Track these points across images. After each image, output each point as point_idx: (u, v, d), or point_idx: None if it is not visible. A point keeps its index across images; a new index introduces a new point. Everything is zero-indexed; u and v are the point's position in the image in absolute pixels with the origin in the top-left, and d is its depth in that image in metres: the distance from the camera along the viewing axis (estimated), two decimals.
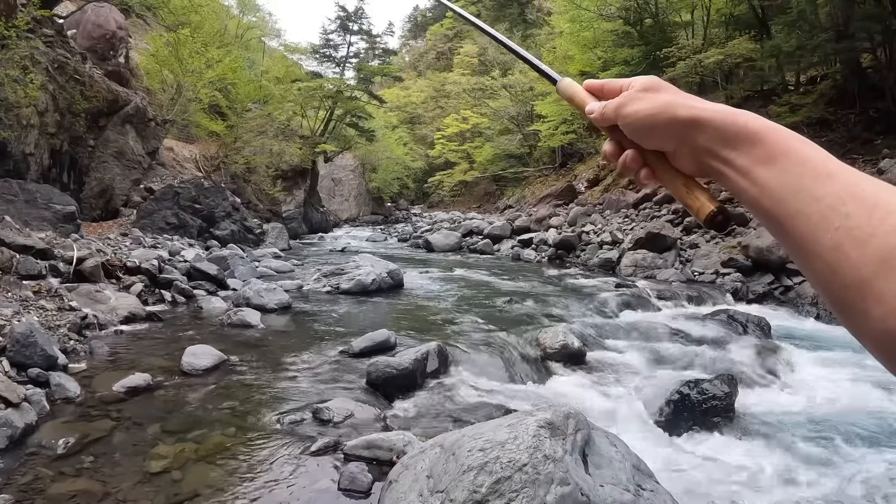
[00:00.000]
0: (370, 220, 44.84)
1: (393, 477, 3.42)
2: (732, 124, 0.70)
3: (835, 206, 0.59)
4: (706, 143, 0.72)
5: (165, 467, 3.90)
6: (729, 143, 0.70)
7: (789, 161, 0.64)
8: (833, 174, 0.62)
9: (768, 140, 0.67)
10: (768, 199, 0.65)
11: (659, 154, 0.80)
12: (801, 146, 0.66)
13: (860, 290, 0.55)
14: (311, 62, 38.82)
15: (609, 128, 0.85)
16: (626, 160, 0.83)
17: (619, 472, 3.25)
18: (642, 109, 0.78)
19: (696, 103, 0.75)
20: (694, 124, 0.73)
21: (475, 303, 10.15)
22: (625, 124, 0.81)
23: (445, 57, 70.91)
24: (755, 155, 0.67)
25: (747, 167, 0.67)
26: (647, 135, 0.79)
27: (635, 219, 18.48)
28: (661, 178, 0.81)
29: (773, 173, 0.65)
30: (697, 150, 0.74)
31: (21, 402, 4.37)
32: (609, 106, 0.83)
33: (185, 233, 15.38)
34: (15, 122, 11.82)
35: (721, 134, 0.71)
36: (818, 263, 0.60)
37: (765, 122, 0.69)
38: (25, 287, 7.27)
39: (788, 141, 0.66)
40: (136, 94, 17.50)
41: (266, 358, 6.41)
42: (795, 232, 0.62)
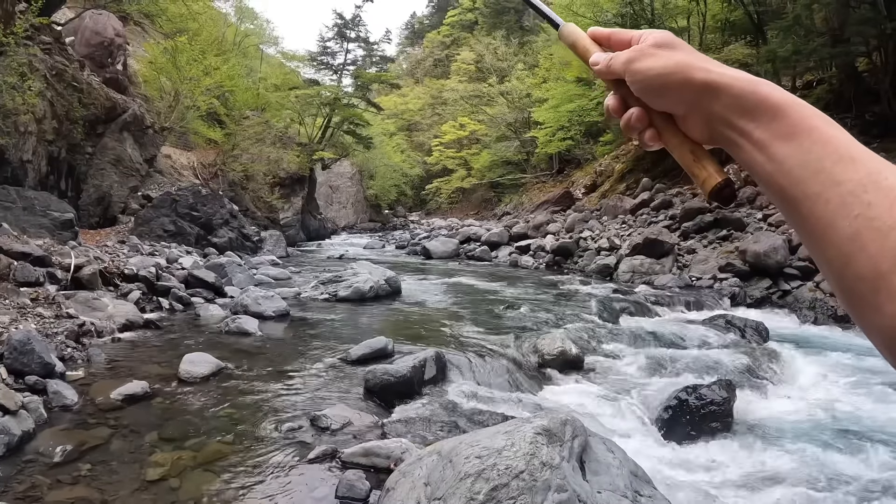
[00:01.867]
0: (368, 227, 44.83)
1: (391, 484, 3.42)
2: (752, 94, 0.66)
3: (856, 192, 0.56)
4: (722, 111, 0.68)
5: (163, 475, 3.90)
6: (747, 113, 0.66)
7: (811, 139, 0.62)
8: (856, 159, 0.59)
9: (791, 114, 0.64)
10: (785, 178, 0.62)
11: (667, 116, 0.76)
12: (825, 125, 0.63)
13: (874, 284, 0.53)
14: (308, 69, 38.92)
15: (614, 81, 0.80)
16: (630, 119, 0.78)
17: (617, 479, 3.25)
18: (655, 67, 0.73)
19: (713, 66, 0.70)
20: (710, 89, 0.69)
21: (473, 310, 10.15)
22: (633, 81, 0.76)
23: (443, 64, 70.98)
24: (775, 129, 0.64)
25: (765, 141, 0.64)
26: (658, 95, 0.74)
27: (633, 224, 18.51)
28: (667, 143, 0.76)
29: (793, 150, 0.62)
30: (711, 117, 0.70)
31: (18, 410, 4.36)
32: (618, 59, 0.78)
33: (182, 240, 15.37)
34: (13, 129, 11.82)
35: (739, 103, 0.67)
36: (833, 251, 0.57)
37: (788, 95, 0.65)
38: (23, 294, 7.26)
39: (812, 118, 0.64)
40: (134, 102, 17.50)
41: (264, 365, 6.40)
42: (812, 215, 0.59)
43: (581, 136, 32.72)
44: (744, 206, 15.97)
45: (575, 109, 26.14)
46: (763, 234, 13.23)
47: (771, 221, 14.14)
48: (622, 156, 29.12)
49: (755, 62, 19.49)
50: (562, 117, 28.02)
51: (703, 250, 14.56)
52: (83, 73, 14.84)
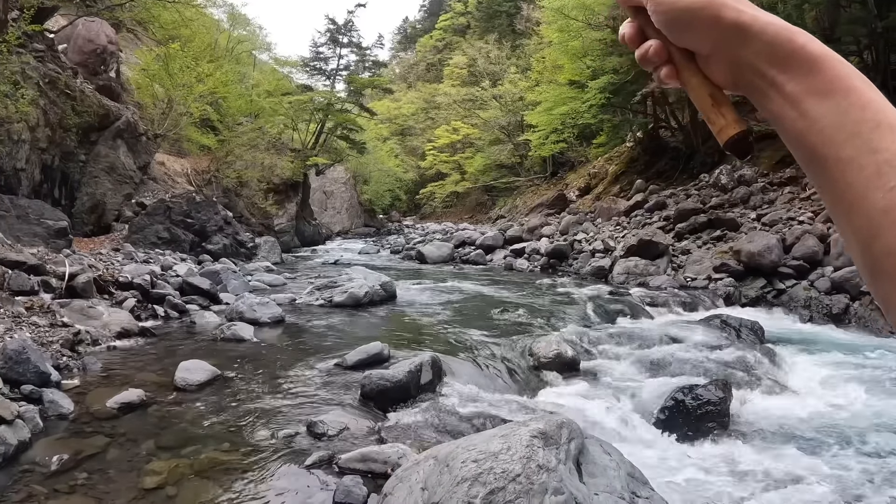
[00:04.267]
0: (362, 232, 44.79)
1: (388, 490, 3.42)
2: (788, 42, 0.61)
3: (893, 163, 0.53)
4: (751, 58, 0.63)
5: (159, 483, 3.89)
6: (780, 63, 0.61)
7: (849, 100, 0.57)
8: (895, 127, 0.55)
9: (828, 70, 0.59)
10: (818, 137, 0.58)
11: (688, 53, 0.70)
12: (865, 87, 0.59)
13: None
14: (301, 75, 38.89)
15: (633, 8, 0.73)
16: (647, 51, 0.72)
17: (614, 481, 3.25)
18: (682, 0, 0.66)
19: (745, 7, 0.64)
20: (741, 31, 0.63)
21: (468, 313, 10.15)
22: (656, 11, 0.69)
23: (435, 68, 71.05)
24: (810, 83, 0.59)
25: (798, 95, 0.60)
26: (682, 31, 0.68)
27: (627, 226, 18.55)
28: (685, 83, 0.71)
29: (829, 109, 0.58)
30: (739, 62, 0.64)
31: (14, 419, 4.34)
32: None
33: (177, 247, 15.36)
34: (6, 138, 11.81)
35: (772, 50, 0.62)
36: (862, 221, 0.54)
37: (826, 49, 0.61)
38: (17, 303, 7.24)
39: (851, 77, 0.59)
40: (128, 109, 17.50)
41: (260, 372, 6.40)
42: (843, 180, 0.56)
43: (574, 139, 32.77)
44: (737, 206, 16.02)
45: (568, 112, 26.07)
46: (757, 233, 13.27)
47: (765, 221, 14.19)
48: (615, 158, 29.18)
49: None
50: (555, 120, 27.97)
51: (697, 251, 14.59)
52: (76, 80, 14.83)
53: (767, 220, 14.09)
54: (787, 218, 13.80)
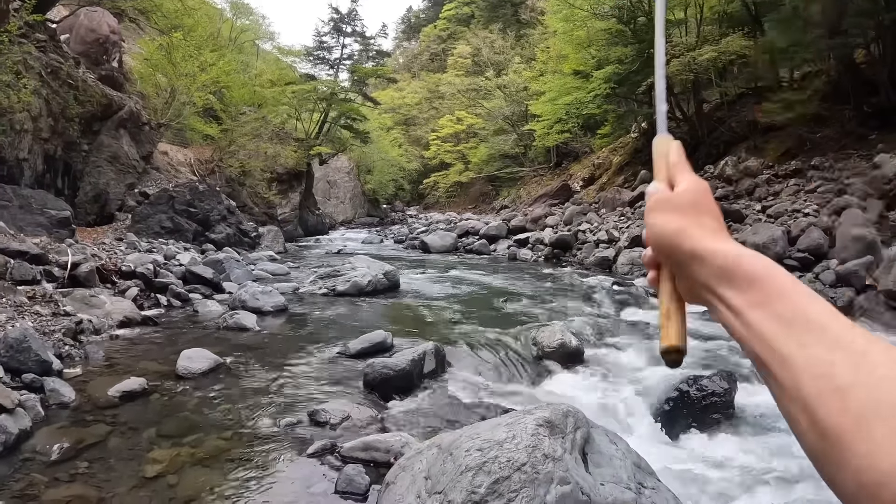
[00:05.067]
0: (366, 222, 44.79)
1: (390, 478, 3.39)
2: (734, 264, 0.69)
3: (821, 354, 0.57)
4: (704, 278, 0.72)
5: (161, 472, 3.87)
6: (726, 281, 0.69)
7: (782, 306, 0.63)
8: (826, 325, 0.60)
9: (765, 283, 0.66)
10: (757, 342, 0.64)
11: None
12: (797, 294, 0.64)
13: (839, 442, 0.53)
14: (304, 65, 38.77)
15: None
16: (645, 257, 0.84)
17: (620, 471, 3.22)
18: (657, 225, 0.79)
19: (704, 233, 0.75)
20: (697, 258, 0.73)
21: (472, 303, 10.13)
22: (647, 234, 0.82)
23: (439, 58, 70.80)
24: (750, 297, 0.66)
25: (740, 308, 0.66)
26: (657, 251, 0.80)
27: (631, 217, 18.50)
28: (659, 289, 0.81)
29: (765, 317, 0.64)
30: (695, 280, 0.73)
31: (15, 408, 4.33)
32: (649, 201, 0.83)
33: (180, 237, 15.35)
34: (8, 128, 11.77)
35: (721, 272, 0.70)
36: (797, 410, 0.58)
37: (766, 264, 0.68)
38: (20, 292, 7.22)
39: (784, 286, 0.65)
40: (130, 99, 17.45)
41: (262, 360, 6.38)
42: (780, 377, 0.60)
43: (579, 129, 32.65)
44: (742, 197, 15.96)
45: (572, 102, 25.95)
46: (762, 225, 13.20)
47: (770, 213, 14.12)
48: (620, 148, 29.08)
49: (753, 54, 19.45)
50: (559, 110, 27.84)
51: None
52: (78, 70, 14.77)
53: (772, 212, 14.02)
54: (793, 210, 13.72)
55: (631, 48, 23.55)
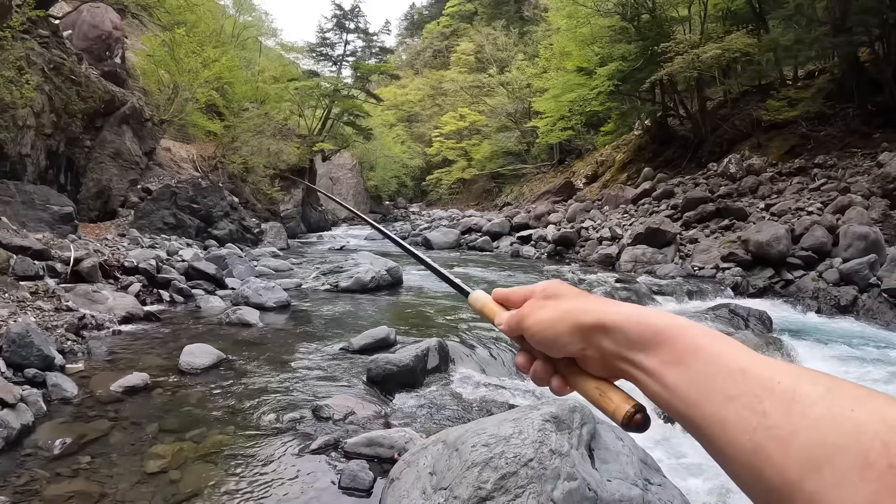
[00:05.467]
0: None
1: (395, 474, 3.37)
2: (637, 325, 0.66)
3: (751, 404, 0.54)
4: (613, 347, 0.68)
5: (163, 467, 3.86)
6: (635, 345, 0.65)
7: (698, 360, 0.60)
8: (746, 370, 0.56)
9: (675, 339, 0.62)
10: (681, 402, 0.60)
11: (569, 360, 0.76)
12: (710, 342, 0.61)
13: (788, 494, 0.50)
14: (307, 61, 38.72)
15: (518, 338, 0.81)
16: (535, 371, 0.79)
17: (627, 467, 3.20)
18: (544, 319, 0.75)
19: (599, 306, 0.71)
20: (599, 329, 0.69)
21: None
22: (529, 336, 0.77)
23: (442, 55, 70.76)
24: (662, 356, 0.63)
25: (655, 369, 0.63)
26: (552, 344, 0.75)
27: (634, 214, 18.48)
28: (574, 385, 0.76)
29: (682, 374, 0.60)
30: (605, 354, 0.69)
31: (17, 403, 4.31)
32: (513, 318, 0.81)
33: (183, 233, 15.34)
34: (11, 123, 11.75)
35: (627, 336, 0.66)
36: (738, 467, 0.54)
37: (671, 321, 0.64)
38: (22, 288, 7.21)
39: (696, 338, 0.62)
40: (133, 95, 17.42)
41: (265, 356, 6.36)
42: (712, 436, 0.56)
43: (582, 126, 32.60)
44: (746, 195, 15.94)
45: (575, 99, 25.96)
46: (765, 223, 13.18)
47: (773, 211, 14.11)
48: (623, 146, 29.06)
49: (757, 52, 19.41)
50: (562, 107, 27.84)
51: (705, 240, 14.50)
52: (81, 66, 14.75)
53: (776, 210, 14.01)
54: (796, 208, 13.72)
55: (634, 45, 23.53)
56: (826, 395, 0.51)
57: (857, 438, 0.47)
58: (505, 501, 2.78)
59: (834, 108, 17.66)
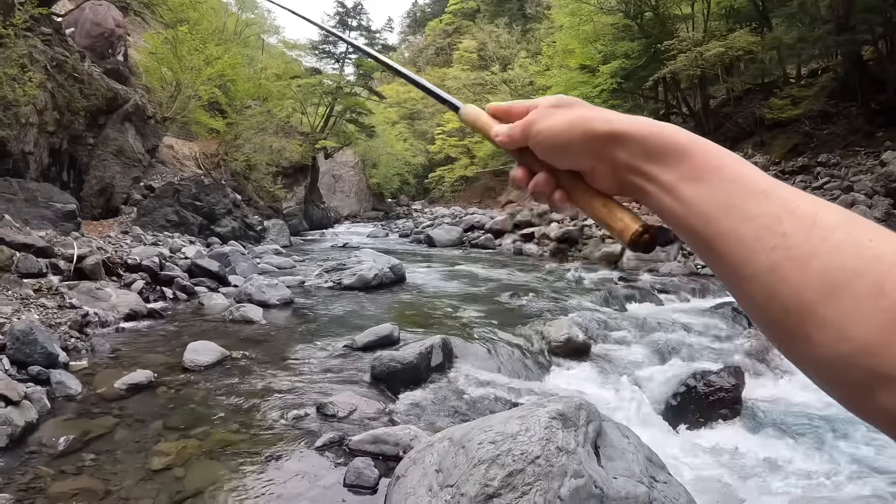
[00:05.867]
0: (371, 216, 44.83)
1: (400, 472, 3.37)
2: (657, 137, 0.64)
3: (770, 225, 0.54)
4: (627, 159, 0.66)
5: (168, 464, 3.85)
6: (652, 157, 0.64)
7: (719, 177, 0.59)
8: (767, 191, 0.56)
9: (696, 155, 0.61)
10: (696, 218, 0.59)
11: (574, 174, 0.73)
12: (732, 162, 0.60)
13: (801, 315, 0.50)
14: (310, 58, 38.80)
15: (517, 151, 0.78)
16: (537, 184, 0.75)
17: (633, 464, 3.19)
18: (555, 125, 0.71)
19: (613, 116, 0.68)
20: (613, 138, 0.66)
21: (478, 297, 10.11)
22: (536, 143, 0.74)
23: (445, 52, 70.76)
24: (681, 170, 0.61)
25: (673, 183, 0.62)
26: (561, 152, 0.72)
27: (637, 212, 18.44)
28: (577, 200, 0.73)
29: (702, 190, 0.59)
30: (617, 166, 0.67)
31: (21, 401, 4.31)
32: (517, 126, 0.76)
33: (185, 230, 15.35)
34: (14, 121, 11.75)
35: (644, 148, 0.64)
36: (752, 287, 0.54)
37: (691, 136, 0.63)
38: (26, 285, 7.22)
39: (718, 157, 0.61)
40: (136, 92, 17.42)
41: (269, 353, 6.37)
42: (727, 253, 0.57)
43: None
44: None
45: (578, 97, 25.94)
46: None
47: None
48: None
49: (760, 50, 19.39)
50: None
51: None
52: (84, 63, 14.75)
53: None
54: None
55: (638, 43, 23.52)
56: (844, 223, 0.52)
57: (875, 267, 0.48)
58: (512, 499, 2.78)
59: (837, 107, 17.64)
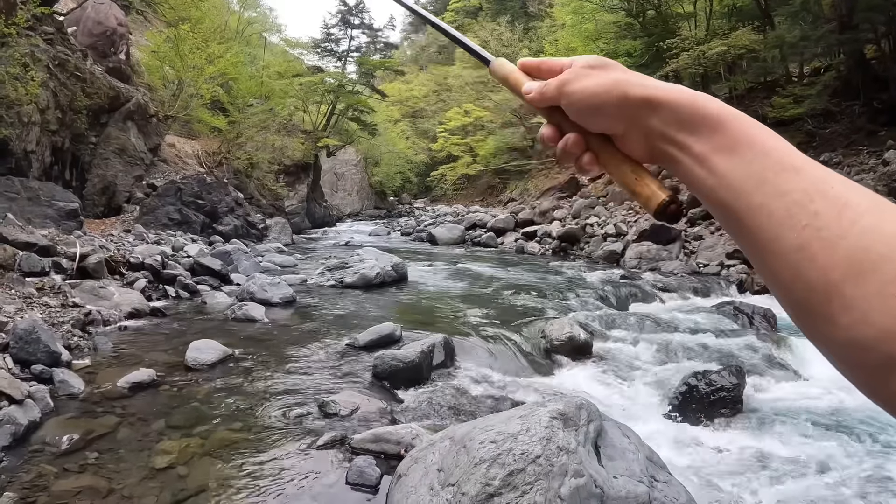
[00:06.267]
0: (373, 214, 44.81)
1: (402, 470, 3.39)
2: (691, 106, 0.64)
3: (802, 202, 0.54)
4: (660, 126, 0.66)
5: (171, 463, 3.87)
6: (686, 126, 0.63)
7: (753, 151, 0.59)
8: (800, 169, 0.56)
9: (731, 126, 0.61)
10: (727, 191, 0.59)
11: (604, 137, 0.73)
12: (766, 136, 0.60)
13: (826, 296, 0.51)
14: (312, 57, 38.72)
15: (548, 109, 0.77)
16: (566, 144, 0.75)
17: (633, 464, 3.21)
18: (590, 86, 0.70)
19: (649, 82, 0.68)
20: (648, 104, 0.66)
21: (480, 295, 10.11)
22: (569, 103, 0.73)
23: (447, 50, 70.60)
24: (715, 142, 0.61)
25: (705, 154, 0.61)
26: (594, 115, 0.71)
27: (639, 211, 18.44)
28: (606, 164, 0.73)
29: (735, 163, 0.59)
30: (650, 132, 0.67)
31: (24, 399, 4.33)
32: (551, 84, 0.75)
33: (188, 228, 15.35)
34: (16, 120, 11.77)
35: (678, 116, 0.64)
36: (780, 263, 0.55)
37: (727, 107, 0.63)
38: (28, 284, 7.23)
39: (752, 129, 0.61)
40: (138, 91, 17.44)
41: (271, 352, 6.38)
42: (756, 228, 0.56)
43: None
44: None
45: None
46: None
47: None
48: None
49: (762, 48, 19.35)
50: None
51: (710, 237, 14.50)
52: (86, 62, 14.77)
53: None
54: None
55: (640, 41, 23.50)
56: (875, 208, 0.52)
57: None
58: (513, 498, 2.79)
59: (840, 106, 17.60)
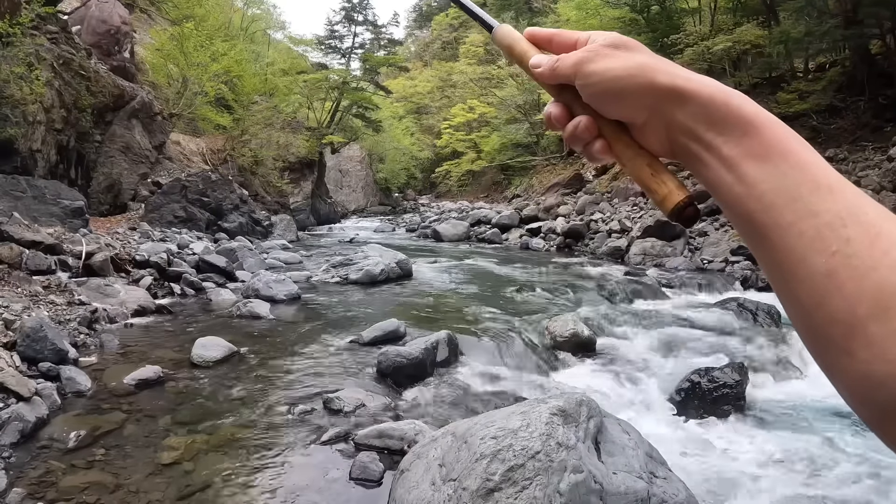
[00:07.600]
0: (378, 210, 44.85)
1: (405, 466, 3.42)
2: (724, 104, 0.58)
3: (834, 225, 0.51)
4: (687, 121, 0.60)
5: (177, 459, 3.91)
6: (717, 125, 0.58)
7: (788, 162, 0.54)
8: (835, 189, 0.52)
9: (766, 133, 0.56)
10: (756, 203, 0.55)
11: (619, 125, 0.67)
12: (802, 149, 0.56)
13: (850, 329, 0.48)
14: (316, 54, 38.74)
15: (557, 87, 0.71)
16: (577, 128, 0.68)
17: (633, 460, 3.23)
18: (613, 69, 0.64)
19: (679, 70, 0.62)
20: (676, 95, 0.61)
21: (484, 292, 10.13)
22: (586, 84, 0.66)
23: (451, 46, 70.58)
24: (747, 146, 0.56)
25: (735, 159, 0.57)
26: (614, 101, 0.65)
27: (644, 207, 18.45)
28: (619, 155, 0.67)
29: (767, 173, 0.55)
30: (674, 126, 0.62)
31: (32, 397, 4.37)
32: (566, 60, 0.68)
33: (193, 226, 15.39)
34: (21, 119, 11.82)
35: (709, 113, 0.59)
36: (803, 288, 0.52)
37: (763, 111, 0.58)
38: (35, 282, 7.28)
39: (788, 139, 0.56)
40: (142, 89, 17.50)
41: (276, 348, 6.42)
42: (783, 247, 0.53)
43: None
44: None
45: None
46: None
47: None
48: None
49: (767, 44, 19.33)
50: None
51: (714, 233, 14.49)
52: (90, 61, 14.83)
53: None
54: None
55: (644, 37, 23.42)
56: None
57: None
58: (512, 493, 2.82)
59: (845, 101, 17.57)
